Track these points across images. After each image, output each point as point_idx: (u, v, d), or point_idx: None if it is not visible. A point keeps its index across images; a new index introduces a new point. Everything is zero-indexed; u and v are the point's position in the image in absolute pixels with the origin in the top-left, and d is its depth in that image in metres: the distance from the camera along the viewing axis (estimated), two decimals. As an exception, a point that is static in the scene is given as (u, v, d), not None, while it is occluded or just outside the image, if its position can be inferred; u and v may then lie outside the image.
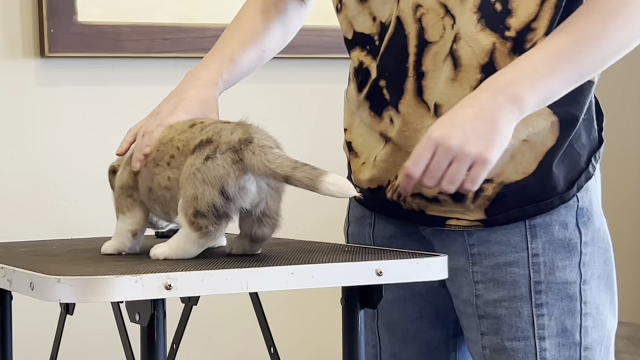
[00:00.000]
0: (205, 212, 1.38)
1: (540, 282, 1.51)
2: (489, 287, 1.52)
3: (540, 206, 1.50)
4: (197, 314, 1.85)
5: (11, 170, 2.52)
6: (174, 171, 1.43)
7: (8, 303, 1.69)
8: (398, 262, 1.38)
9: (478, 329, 1.54)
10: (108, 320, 2.57)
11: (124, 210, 1.49)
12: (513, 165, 1.49)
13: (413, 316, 1.64)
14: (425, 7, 1.49)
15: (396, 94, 1.53)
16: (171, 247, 1.41)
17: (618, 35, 1.43)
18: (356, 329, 1.43)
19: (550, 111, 1.49)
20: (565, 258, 1.52)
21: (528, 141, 1.49)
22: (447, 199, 1.51)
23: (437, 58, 1.49)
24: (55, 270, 1.29)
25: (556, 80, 1.41)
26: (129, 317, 1.32)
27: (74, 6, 2.52)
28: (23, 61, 2.52)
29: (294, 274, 1.32)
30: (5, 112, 2.51)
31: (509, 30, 1.46)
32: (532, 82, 1.40)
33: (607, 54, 1.43)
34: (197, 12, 2.65)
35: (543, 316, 1.51)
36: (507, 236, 1.51)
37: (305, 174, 1.34)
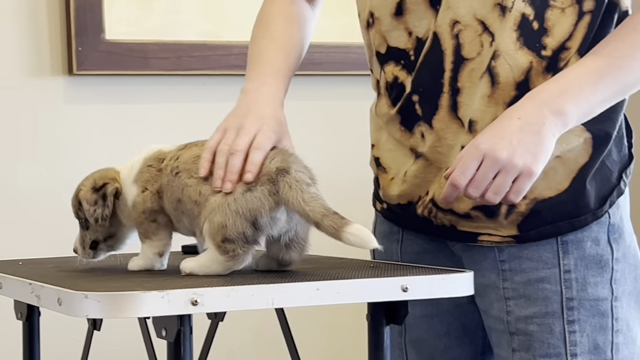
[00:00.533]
0: (234, 239, 1.39)
1: (572, 299, 1.51)
2: (520, 304, 1.52)
3: (574, 223, 1.50)
4: (223, 329, 1.85)
5: (40, 188, 2.54)
6: (206, 187, 1.43)
7: (36, 319, 1.70)
8: (424, 277, 1.38)
9: (509, 345, 1.54)
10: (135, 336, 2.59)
11: (149, 236, 1.49)
12: (546, 182, 1.49)
13: (441, 332, 1.64)
14: (462, 24, 1.50)
15: (430, 110, 1.53)
16: (199, 263, 1.42)
17: None
18: (382, 345, 1.43)
19: (583, 128, 1.49)
20: (597, 274, 1.51)
21: (561, 157, 1.49)
22: (479, 215, 1.51)
23: (473, 75, 1.50)
24: (83, 286, 1.29)
25: (597, 97, 1.43)
26: (155, 332, 1.32)
27: (102, 24, 2.54)
28: (51, 79, 2.55)
29: (320, 289, 1.32)
30: (34, 129, 2.53)
31: (545, 50, 1.47)
32: (576, 97, 1.41)
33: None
34: (224, 29, 2.66)
35: (575, 333, 1.51)
36: (538, 252, 1.51)
37: (331, 222, 1.36)
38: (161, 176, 1.49)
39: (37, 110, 2.54)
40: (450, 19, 1.51)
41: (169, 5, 2.62)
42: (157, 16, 2.61)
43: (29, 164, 2.53)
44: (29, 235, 2.54)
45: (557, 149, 1.47)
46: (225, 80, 2.68)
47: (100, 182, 1.53)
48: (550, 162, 1.47)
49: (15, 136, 2.52)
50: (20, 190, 2.53)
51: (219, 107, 2.72)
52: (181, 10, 2.63)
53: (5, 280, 1.47)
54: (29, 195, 2.53)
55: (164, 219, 1.49)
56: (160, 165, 1.50)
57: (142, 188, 1.50)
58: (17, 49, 2.52)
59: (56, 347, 2.52)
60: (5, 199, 2.51)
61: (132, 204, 1.50)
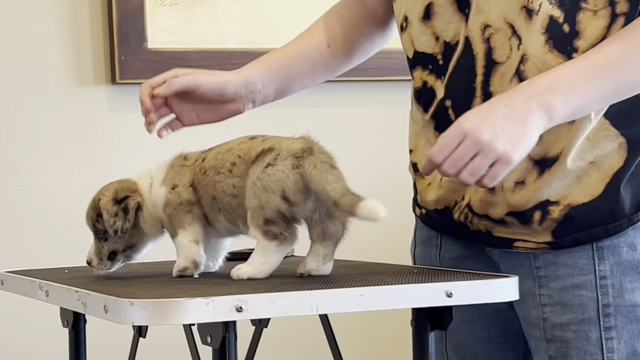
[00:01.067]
0: (274, 218, 1.40)
1: (609, 305, 1.49)
2: (556, 310, 1.51)
3: (609, 229, 1.49)
4: (267, 336, 1.86)
5: (85, 196, 2.56)
6: (237, 179, 1.45)
7: (82, 326, 1.71)
8: (468, 283, 1.38)
9: (546, 352, 1.53)
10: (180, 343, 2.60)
11: (184, 226, 1.50)
12: (580, 187, 1.48)
13: (481, 338, 1.63)
14: (493, 27, 1.49)
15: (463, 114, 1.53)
16: (253, 265, 1.43)
17: None
18: (427, 350, 1.43)
19: (617, 132, 1.47)
20: (634, 280, 1.50)
21: (595, 163, 1.48)
22: (514, 221, 1.50)
23: (504, 78, 1.49)
24: (129, 293, 1.30)
25: (589, 95, 1.40)
26: (200, 339, 1.33)
27: (144, 33, 2.56)
28: (95, 88, 2.57)
29: (364, 295, 1.32)
30: (78, 138, 2.55)
31: (576, 52, 1.45)
32: (567, 95, 1.39)
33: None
34: (264, 37, 2.67)
35: (612, 339, 1.49)
36: (574, 258, 1.50)
37: (349, 200, 1.38)
38: (188, 172, 1.50)
39: (81, 119, 2.56)
40: (482, 22, 1.50)
41: (210, 14, 2.63)
42: (198, 24, 2.62)
43: (73, 173, 2.55)
44: (74, 243, 2.56)
45: (591, 154, 1.46)
46: (266, 87, 2.69)
47: (122, 194, 1.53)
48: (583, 167, 1.46)
49: (59, 145, 2.55)
50: (64, 198, 2.55)
51: (259, 113, 2.73)
52: (222, 19, 2.64)
53: (51, 288, 1.48)
54: (73, 204, 2.55)
55: (198, 212, 1.50)
56: (185, 162, 1.52)
57: (172, 185, 1.51)
58: (61, 59, 2.54)
59: (102, 354, 2.54)
60: (50, 208, 2.54)
61: (165, 203, 1.51)
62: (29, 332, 2.53)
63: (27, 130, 2.52)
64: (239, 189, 1.45)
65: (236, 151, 1.47)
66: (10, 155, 2.51)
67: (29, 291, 1.56)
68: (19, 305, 2.51)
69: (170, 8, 2.60)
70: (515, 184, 1.49)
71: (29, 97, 2.53)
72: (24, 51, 2.52)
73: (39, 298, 1.52)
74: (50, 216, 2.53)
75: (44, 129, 2.53)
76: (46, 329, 2.53)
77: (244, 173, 1.45)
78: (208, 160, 1.50)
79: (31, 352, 2.53)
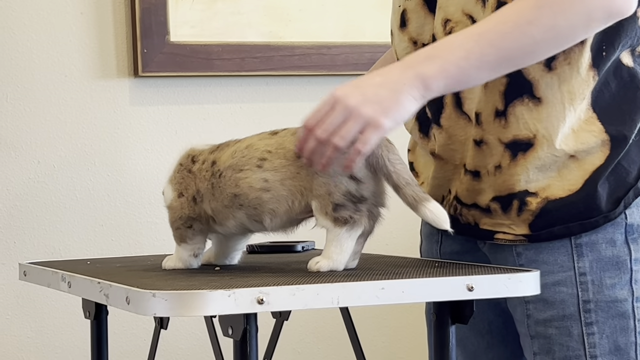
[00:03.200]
0: (343, 202, 1.40)
1: (589, 301, 1.50)
2: (539, 307, 1.52)
3: (585, 224, 1.49)
4: (287, 329, 1.86)
5: (107, 188, 2.57)
6: (271, 173, 1.44)
7: (104, 317, 1.72)
8: (489, 277, 1.38)
9: (531, 349, 1.54)
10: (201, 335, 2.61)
11: (186, 240, 1.51)
12: (560, 181, 1.48)
13: (483, 331, 1.64)
14: (453, 21, 1.51)
15: (437, 109, 1.55)
16: (330, 257, 1.42)
17: (553, 22, 1.38)
18: (447, 344, 1.43)
19: (602, 128, 1.47)
20: (614, 276, 1.50)
21: (576, 158, 1.48)
22: (497, 207, 1.50)
23: None
24: (151, 285, 1.31)
25: (470, 62, 1.39)
26: (222, 331, 1.33)
27: (167, 27, 2.57)
28: (117, 81, 2.58)
29: (385, 289, 1.32)
30: (100, 131, 2.57)
31: None
32: (444, 63, 1.38)
33: (538, 40, 1.39)
34: (286, 30, 2.68)
35: (594, 335, 1.50)
36: (553, 256, 1.50)
37: (413, 193, 1.40)
38: (195, 180, 1.49)
39: (103, 112, 2.57)
40: (442, 18, 1.52)
41: (232, 7, 2.63)
42: (220, 18, 2.63)
43: (95, 165, 2.56)
44: (95, 235, 2.57)
45: (572, 146, 1.47)
46: (288, 81, 2.69)
47: None
48: (563, 160, 1.47)
49: (82, 137, 2.56)
50: (87, 191, 2.56)
51: (282, 107, 2.74)
52: (244, 12, 2.64)
53: (74, 280, 1.49)
54: (95, 196, 2.56)
55: (199, 226, 1.50)
56: (192, 166, 1.50)
57: (178, 193, 1.51)
58: (84, 52, 2.55)
59: (123, 346, 2.55)
60: (72, 200, 2.55)
61: (169, 206, 1.52)
62: (51, 323, 2.54)
63: (50, 123, 2.53)
64: (272, 183, 1.44)
65: (261, 146, 1.46)
66: (33, 147, 2.53)
67: (52, 282, 1.57)
68: (42, 297, 2.53)
69: (193, 1, 2.60)
70: (495, 168, 1.50)
71: (52, 90, 2.54)
72: (47, 44, 2.53)
73: (61, 289, 1.53)
74: (73, 208, 2.55)
75: (67, 121, 2.55)
76: (68, 320, 2.54)
77: (281, 167, 1.43)
78: (222, 162, 1.47)
79: (53, 344, 2.54)
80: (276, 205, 1.44)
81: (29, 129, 2.52)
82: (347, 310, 1.69)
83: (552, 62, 1.46)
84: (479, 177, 1.52)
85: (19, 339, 2.52)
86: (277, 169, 1.44)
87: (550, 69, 1.46)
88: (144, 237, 2.59)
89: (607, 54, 1.47)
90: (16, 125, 2.52)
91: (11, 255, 2.51)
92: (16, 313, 2.52)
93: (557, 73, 1.46)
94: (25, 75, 2.52)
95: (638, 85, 1.49)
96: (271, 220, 1.45)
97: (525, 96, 1.47)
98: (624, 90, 1.49)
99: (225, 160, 1.47)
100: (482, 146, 1.51)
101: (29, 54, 2.52)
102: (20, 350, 2.52)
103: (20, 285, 2.49)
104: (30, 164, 2.53)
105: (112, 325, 1.81)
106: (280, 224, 1.47)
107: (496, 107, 1.48)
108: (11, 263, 2.51)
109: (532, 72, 1.46)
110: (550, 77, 1.46)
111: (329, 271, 1.42)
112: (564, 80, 1.46)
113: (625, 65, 1.49)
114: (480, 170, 1.52)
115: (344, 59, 2.70)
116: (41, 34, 2.52)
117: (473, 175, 1.52)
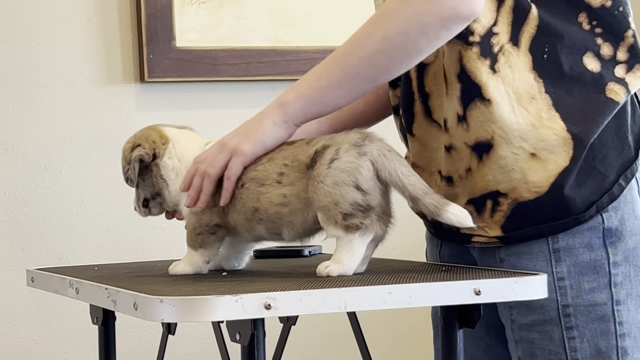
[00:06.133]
0: (351, 211, 1.40)
1: (568, 306, 1.50)
2: (521, 312, 1.53)
3: (554, 226, 1.50)
4: (294, 334, 1.86)
5: (113, 194, 2.58)
6: (288, 188, 1.44)
7: (112, 323, 1.72)
8: (496, 281, 1.38)
9: (515, 353, 1.55)
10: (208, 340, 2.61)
11: (205, 247, 1.51)
12: (524, 183, 1.49)
13: (481, 332, 1.65)
14: None
15: (408, 119, 1.59)
16: (341, 261, 1.42)
17: (385, 32, 1.45)
18: (455, 348, 1.43)
19: (563, 127, 1.48)
20: (592, 280, 1.51)
21: (539, 157, 1.48)
22: (472, 210, 1.52)
23: (437, 77, 1.54)
24: (158, 291, 1.31)
25: (322, 84, 1.49)
26: (229, 336, 1.33)
27: (172, 32, 2.57)
28: (123, 87, 2.58)
29: (392, 293, 1.32)
30: (107, 136, 2.57)
31: (472, 35, 1.49)
32: (300, 88, 1.50)
33: (375, 52, 1.45)
34: (292, 35, 2.68)
35: (574, 339, 1.51)
36: (532, 261, 1.52)
37: (432, 201, 1.41)
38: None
39: (110, 118, 2.57)
40: None
41: (238, 12, 2.64)
42: (226, 23, 2.63)
43: (102, 171, 2.57)
44: (102, 241, 2.57)
45: (530, 143, 1.48)
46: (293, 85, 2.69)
47: (137, 142, 1.57)
48: (524, 158, 1.48)
49: (89, 143, 2.56)
50: (93, 196, 2.56)
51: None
52: (249, 17, 2.65)
53: (81, 286, 1.49)
54: (102, 202, 2.57)
55: (222, 234, 1.51)
56: None
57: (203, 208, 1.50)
58: (90, 58, 2.56)
59: (131, 351, 2.55)
60: (79, 206, 2.56)
61: (196, 212, 1.51)
62: (59, 329, 2.54)
63: (56, 129, 2.54)
64: (290, 197, 1.44)
65: (279, 159, 1.47)
66: (40, 153, 2.53)
67: (59, 288, 1.57)
68: (49, 303, 2.53)
69: (199, 7, 2.61)
70: (466, 172, 1.53)
71: (58, 96, 2.54)
72: (53, 50, 2.54)
73: (69, 295, 1.53)
74: (80, 214, 2.55)
75: (74, 127, 2.55)
76: (76, 326, 2.55)
77: (296, 180, 1.44)
78: (245, 172, 1.48)
79: (61, 349, 2.54)
80: (293, 218, 1.45)
81: (35, 135, 2.53)
82: (355, 315, 1.69)
83: (495, 64, 1.49)
84: (452, 182, 1.55)
85: (27, 345, 2.53)
86: (294, 183, 1.44)
87: (495, 71, 1.49)
88: (151, 242, 2.60)
89: (550, 57, 1.49)
90: (23, 131, 2.52)
91: (18, 262, 2.51)
92: (24, 319, 2.53)
93: (501, 75, 1.49)
94: (31, 82, 2.52)
95: (601, 90, 1.50)
96: (289, 232, 1.46)
97: (477, 99, 1.49)
98: (586, 94, 1.50)
99: (247, 170, 1.49)
100: (452, 152, 1.54)
101: (36, 60, 2.53)
102: (28, 356, 2.52)
103: (28, 292, 2.50)
104: (37, 170, 2.53)
105: (120, 330, 1.81)
106: (297, 235, 1.47)
107: (457, 113, 1.52)
108: (18, 269, 2.51)
109: (479, 76, 1.49)
110: (495, 79, 1.49)
111: (337, 276, 1.42)
112: (508, 82, 1.49)
113: (590, 71, 1.50)
114: (453, 175, 1.54)
115: (350, 63, 2.70)
116: (47, 40, 2.53)
117: (447, 180, 1.55)
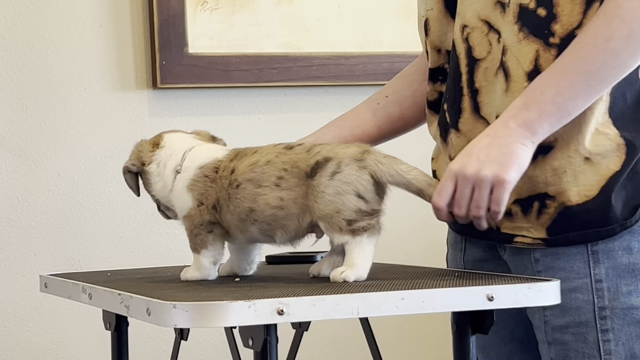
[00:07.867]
0: (355, 217, 1.42)
1: (605, 308, 1.50)
2: (555, 314, 1.52)
3: (601, 232, 1.50)
4: (307, 339, 1.86)
5: (126, 200, 2.58)
6: (286, 192, 1.45)
7: (125, 329, 1.72)
8: (509, 287, 1.37)
9: (548, 355, 1.54)
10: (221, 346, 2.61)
11: (207, 246, 1.51)
12: (575, 186, 1.48)
13: (505, 338, 1.64)
14: (470, 27, 1.54)
15: (455, 114, 1.57)
16: (355, 264, 1.43)
17: (628, 30, 1.41)
18: (468, 354, 1.43)
19: (617, 133, 1.48)
20: (630, 283, 1.50)
21: (592, 161, 1.48)
22: (518, 210, 1.51)
23: (487, 73, 1.53)
24: (171, 296, 1.31)
25: (563, 96, 1.43)
26: (242, 342, 1.33)
27: (185, 38, 2.58)
28: (136, 93, 2.59)
29: (405, 299, 1.32)
30: (120, 143, 2.57)
31: (553, 37, 1.47)
32: (539, 103, 1.43)
33: (620, 52, 1.42)
34: (304, 41, 2.68)
35: (609, 342, 1.50)
36: (570, 262, 1.51)
37: None
38: (216, 188, 1.50)
39: (123, 124, 2.58)
40: (460, 24, 1.56)
41: (250, 19, 2.64)
42: (238, 29, 2.63)
43: (115, 177, 2.57)
44: (115, 246, 2.58)
45: (586, 150, 1.47)
46: (306, 91, 2.70)
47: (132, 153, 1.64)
48: (578, 163, 1.47)
49: (101, 149, 2.57)
50: (106, 202, 2.57)
51: (300, 118, 2.74)
52: (262, 23, 2.65)
53: (94, 291, 1.49)
54: (115, 208, 2.57)
55: (220, 231, 1.51)
56: (215, 175, 1.51)
57: (198, 202, 1.51)
58: (103, 64, 2.56)
59: (144, 357, 2.56)
60: (92, 212, 2.56)
61: (186, 215, 1.52)
62: (72, 334, 2.55)
63: (69, 135, 2.55)
64: (287, 201, 1.45)
65: (278, 164, 1.47)
66: (53, 159, 2.54)
67: (72, 294, 1.58)
68: (62, 308, 2.54)
69: (211, 13, 2.61)
70: None
71: (71, 102, 2.55)
72: (66, 57, 2.54)
73: (82, 301, 1.54)
74: (93, 220, 2.56)
75: (87, 133, 2.56)
76: (89, 332, 2.55)
77: (294, 186, 1.45)
78: (241, 173, 1.48)
79: (74, 355, 2.55)
80: (288, 222, 1.46)
81: (48, 141, 2.54)
82: (367, 321, 1.69)
83: None
84: None
85: (40, 350, 2.53)
86: (292, 188, 1.45)
87: None
88: (164, 248, 2.60)
89: None
90: (36, 137, 2.53)
91: (32, 267, 2.52)
92: (37, 325, 2.53)
93: None
94: (44, 88, 2.53)
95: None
96: (282, 235, 1.47)
97: None
98: (637, 100, 1.50)
99: (243, 171, 1.48)
100: None
101: (49, 67, 2.53)
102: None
103: (41, 297, 2.50)
104: (50, 176, 2.54)
105: (133, 336, 1.81)
106: (289, 239, 1.49)
107: None
108: (32, 275, 2.52)
109: None
110: None
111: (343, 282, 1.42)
112: None
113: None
114: None
115: (362, 69, 2.70)
116: (60, 47, 2.54)
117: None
